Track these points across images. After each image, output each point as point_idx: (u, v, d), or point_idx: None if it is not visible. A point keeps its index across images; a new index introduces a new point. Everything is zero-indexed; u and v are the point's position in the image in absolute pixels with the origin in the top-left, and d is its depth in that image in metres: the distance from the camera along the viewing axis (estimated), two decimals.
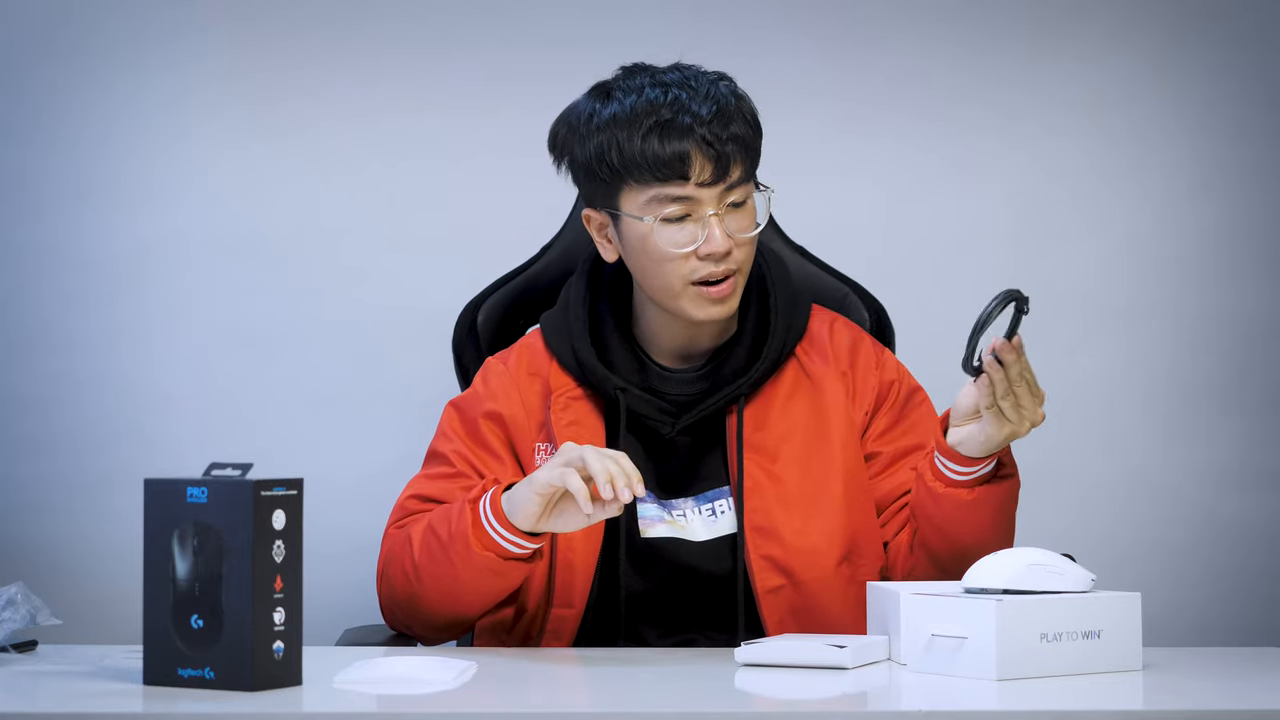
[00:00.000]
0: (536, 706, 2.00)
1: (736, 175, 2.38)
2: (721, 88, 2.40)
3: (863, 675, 2.08)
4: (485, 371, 2.53)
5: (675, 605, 2.44)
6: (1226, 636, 3.41)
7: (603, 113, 2.40)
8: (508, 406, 2.48)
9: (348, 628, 2.65)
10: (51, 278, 3.35)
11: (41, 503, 3.34)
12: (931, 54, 3.46)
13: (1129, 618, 2.09)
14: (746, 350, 2.47)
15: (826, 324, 2.56)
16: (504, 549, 2.28)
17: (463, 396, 2.53)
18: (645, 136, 2.36)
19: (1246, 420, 3.50)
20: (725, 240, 2.37)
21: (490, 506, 2.27)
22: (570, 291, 2.51)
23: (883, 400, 2.52)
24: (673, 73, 2.41)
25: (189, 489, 1.91)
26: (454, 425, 2.50)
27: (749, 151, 2.39)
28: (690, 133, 2.35)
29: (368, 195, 3.39)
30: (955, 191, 3.47)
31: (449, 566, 2.31)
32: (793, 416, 2.47)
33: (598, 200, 2.44)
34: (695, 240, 2.37)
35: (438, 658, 2.11)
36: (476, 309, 2.72)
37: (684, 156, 2.35)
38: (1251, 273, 3.51)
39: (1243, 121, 3.51)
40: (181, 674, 1.90)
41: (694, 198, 2.37)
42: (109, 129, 3.36)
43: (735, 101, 2.40)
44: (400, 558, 2.38)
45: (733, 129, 2.37)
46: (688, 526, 2.43)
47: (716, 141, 2.35)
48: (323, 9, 3.39)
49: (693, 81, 2.39)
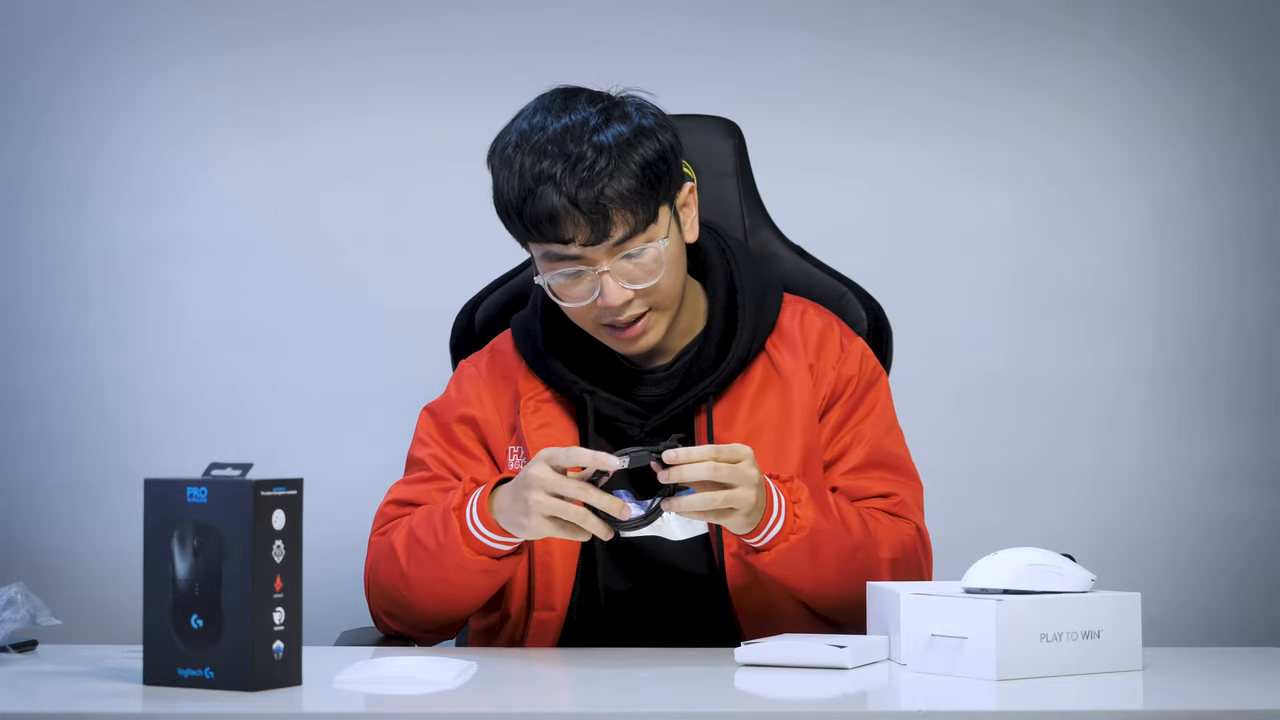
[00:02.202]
0: (536, 707, 2.00)
1: (622, 230, 2.33)
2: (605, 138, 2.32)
3: (863, 675, 2.07)
4: (459, 375, 2.55)
5: (656, 605, 2.44)
6: (1226, 636, 3.41)
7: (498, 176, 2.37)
8: (480, 410, 2.49)
9: (347, 628, 2.65)
10: (51, 278, 3.36)
11: (41, 503, 3.35)
12: (932, 54, 3.46)
13: (1129, 618, 2.09)
14: (715, 348, 2.45)
15: (798, 314, 2.52)
16: (496, 549, 2.28)
17: (437, 402, 2.54)
18: (524, 200, 2.32)
19: (1246, 420, 3.50)
20: (620, 293, 2.34)
21: (478, 514, 2.27)
22: (537, 294, 2.50)
23: (838, 396, 2.49)
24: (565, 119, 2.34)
25: (189, 489, 1.91)
26: (430, 431, 2.51)
27: (632, 203, 2.32)
28: (559, 202, 2.30)
29: (367, 196, 3.39)
30: (955, 191, 3.47)
31: (439, 572, 2.32)
32: (761, 414, 2.45)
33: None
34: (592, 293, 2.36)
35: (437, 658, 2.11)
36: (474, 309, 2.72)
37: (555, 221, 2.31)
38: (1251, 273, 3.51)
39: (1243, 121, 3.51)
40: (181, 674, 1.90)
41: (581, 255, 2.34)
42: (109, 129, 3.37)
43: (614, 159, 2.31)
44: (387, 566, 2.40)
45: (606, 189, 2.30)
46: (665, 526, 2.43)
47: (586, 204, 2.30)
48: (322, 9, 3.39)
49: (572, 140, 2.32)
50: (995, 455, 3.45)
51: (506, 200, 2.35)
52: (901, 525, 2.43)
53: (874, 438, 2.47)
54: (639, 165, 2.32)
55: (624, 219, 2.32)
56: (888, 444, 2.49)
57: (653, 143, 2.34)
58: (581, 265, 2.34)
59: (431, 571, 2.33)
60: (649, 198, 2.33)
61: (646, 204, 2.33)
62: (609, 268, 2.33)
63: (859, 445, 2.47)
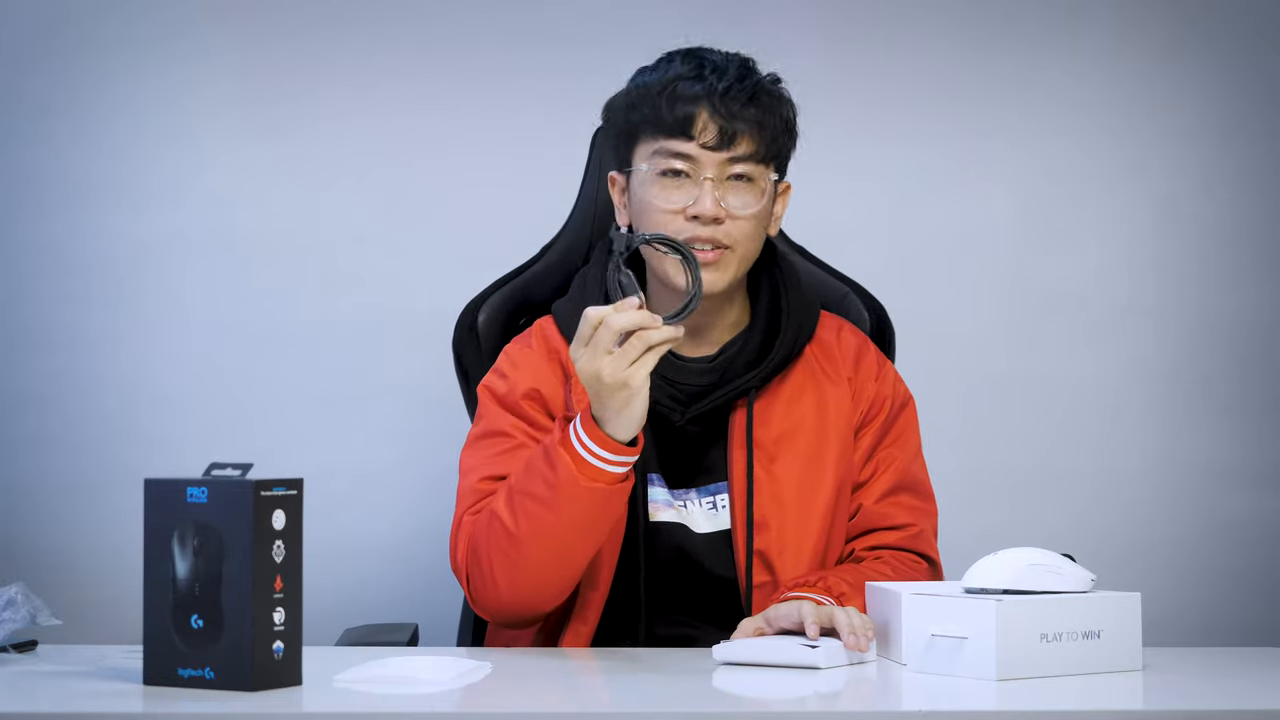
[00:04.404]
0: (515, 706, 1.98)
1: (743, 149, 2.40)
2: (761, 79, 2.44)
3: (863, 675, 2.08)
4: (513, 356, 2.52)
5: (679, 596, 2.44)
6: (1226, 636, 3.41)
7: (640, 76, 2.47)
8: (542, 384, 2.47)
9: (348, 628, 2.65)
10: (51, 278, 3.36)
11: (41, 503, 3.35)
12: (932, 54, 3.46)
13: (1129, 618, 2.09)
14: (757, 345, 2.48)
15: (834, 330, 2.58)
16: (610, 474, 2.25)
17: (494, 381, 2.51)
18: (662, 92, 2.41)
19: (1246, 420, 3.50)
20: (715, 206, 2.39)
21: (589, 436, 2.24)
22: (586, 279, 2.53)
23: (873, 415, 2.53)
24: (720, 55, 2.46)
25: (189, 489, 1.91)
26: (499, 405, 2.48)
27: (764, 133, 2.41)
28: (703, 97, 2.39)
29: (367, 195, 3.39)
30: (955, 191, 3.47)
31: (554, 519, 2.27)
32: (796, 416, 2.48)
33: (618, 160, 2.48)
34: (687, 201, 2.40)
35: (439, 658, 2.11)
36: (477, 309, 2.71)
37: (690, 116, 2.39)
38: (1251, 273, 3.51)
39: (1243, 121, 3.51)
40: (181, 674, 1.90)
41: (695, 158, 2.40)
42: (109, 130, 3.37)
43: (766, 93, 2.43)
44: (489, 537, 2.33)
45: (750, 110, 2.40)
46: (689, 517, 2.44)
47: (726, 111, 2.39)
48: (322, 9, 3.39)
49: (732, 65, 2.43)
50: (995, 455, 3.46)
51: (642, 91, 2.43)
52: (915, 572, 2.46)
53: (902, 464, 2.52)
54: (779, 108, 2.44)
55: (748, 142, 2.41)
56: (914, 469, 2.54)
57: (790, 109, 2.47)
58: (688, 168, 2.40)
59: (545, 521, 2.28)
60: (773, 142, 2.43)
61: (769, 145, 2.42)
62: (713, 176, 2.39)
63: (887, 471, 2.51)
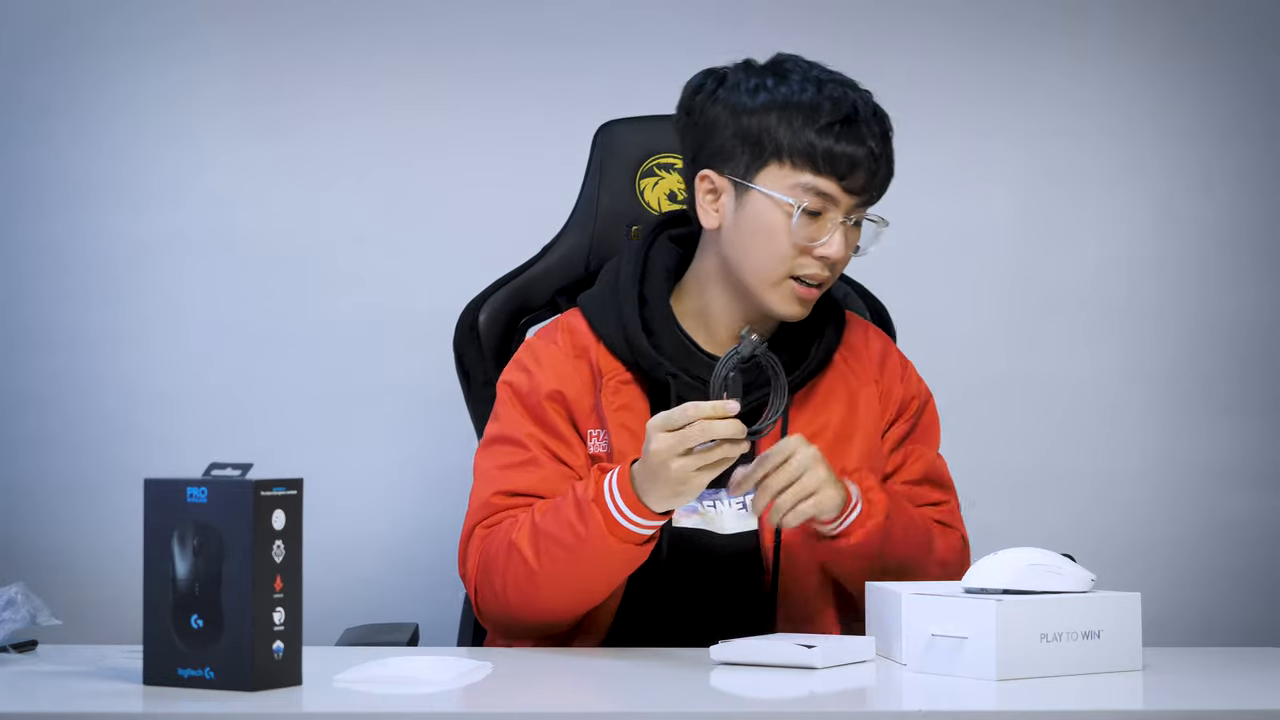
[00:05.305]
0: (515, 706, 1.98)
1: (876, 194, 2.42)
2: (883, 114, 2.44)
3: (863, 675, 2.07)
4: (536, 351, 2.48)
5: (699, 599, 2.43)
6: (1226, 636, 3.41)
7: (777, 89, 2.40)
8: (567, 386, 2.44)
9: (348, 627, 2.65)
10: (51, 277, 3.36)
11: (41, 503, 3.35)
12: (932, 54, 3.46)
13: (1129, 618, 2.09)
14: (791, 349, 2.47)
15: (860, 331, 2.58)
16: (641, 534, 2.26)
17: (515, 376, 2.48)
18: (825, 128, 2.37)
19: (1246, 420, 3.50)
20: (843, 249, 2.40)
21: (624, 501, 2.24)
22: (620, 276, 2.48)
23: (900, 414, 2.55)
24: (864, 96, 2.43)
25: (189, 489, 1.90)
26: (518, 407, 2.45)
27: (887, 183, 2.43)
28: (865, 141, 2.38)
29: (368, 195, 3.39)
30: (955, 191, 3.47)
31: (577, 566, 2.28)
32: (824, 419, 2.47)
33: (727, 166, 2.42)
34: (818, 239, 2.38)
35: (439, 658, 2.11)
36: (478, 309, 2.71)
37: (854, 160, 2.37)
38: (1251, 273, 3.51)
39: (1242, 122, 3.51)
40: (181, 674, 1.90)
41: (835, 199, 2.38)
42: (109, 130, 3.37)
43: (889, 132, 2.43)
44: (506, 564, 2.34)
45: (889, 152, 2.42)
46: (717, 519, 2.43)
47: (882, 157, 2.39)
48: (322, 9, 3.39)
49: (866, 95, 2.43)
50: (995, 455, 3.45)
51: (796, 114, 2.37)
52: (951, 534, 2.50)
53: (929, 458, 2.55)
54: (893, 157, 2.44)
55: (882, 186, 2.43)
56: (939, 464, 2.57)
57: None
58: (826, 208, 2.39)
59: (568, 566, 2.29)
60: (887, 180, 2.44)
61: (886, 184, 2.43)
62: (845, 220, 2.39)
63: (915, 462, 2.53)
